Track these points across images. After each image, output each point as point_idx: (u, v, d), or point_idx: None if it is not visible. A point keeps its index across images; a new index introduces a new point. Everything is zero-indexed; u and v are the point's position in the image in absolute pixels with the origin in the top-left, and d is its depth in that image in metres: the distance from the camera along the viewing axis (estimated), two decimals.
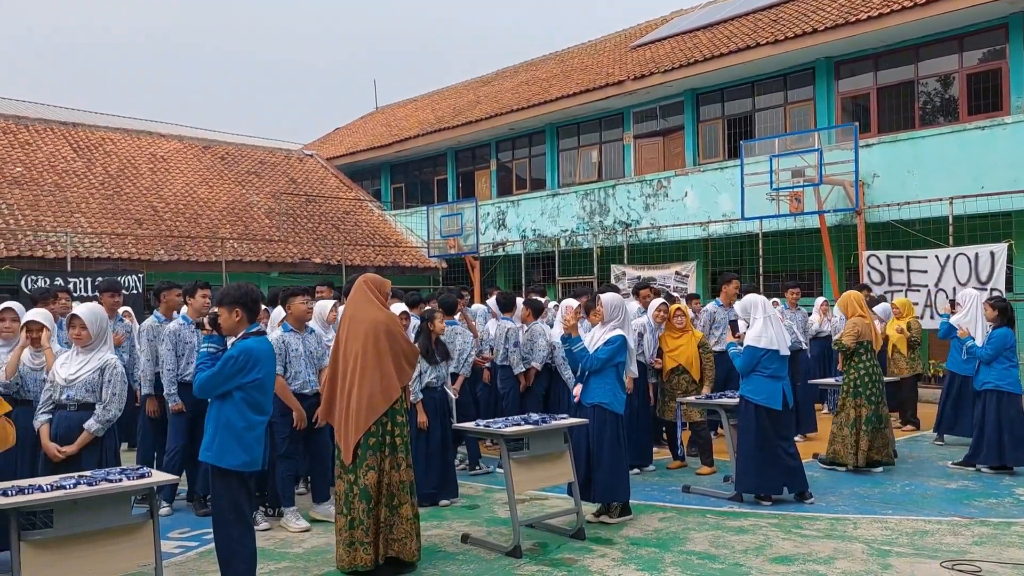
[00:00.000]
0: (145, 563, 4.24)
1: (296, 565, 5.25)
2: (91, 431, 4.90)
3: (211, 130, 26.30)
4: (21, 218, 15.43)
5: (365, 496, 4.87)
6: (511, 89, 22.68)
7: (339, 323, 5.29)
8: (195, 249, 16.89)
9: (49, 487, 4.01)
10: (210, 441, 4.36)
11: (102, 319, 5.12)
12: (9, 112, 20.41)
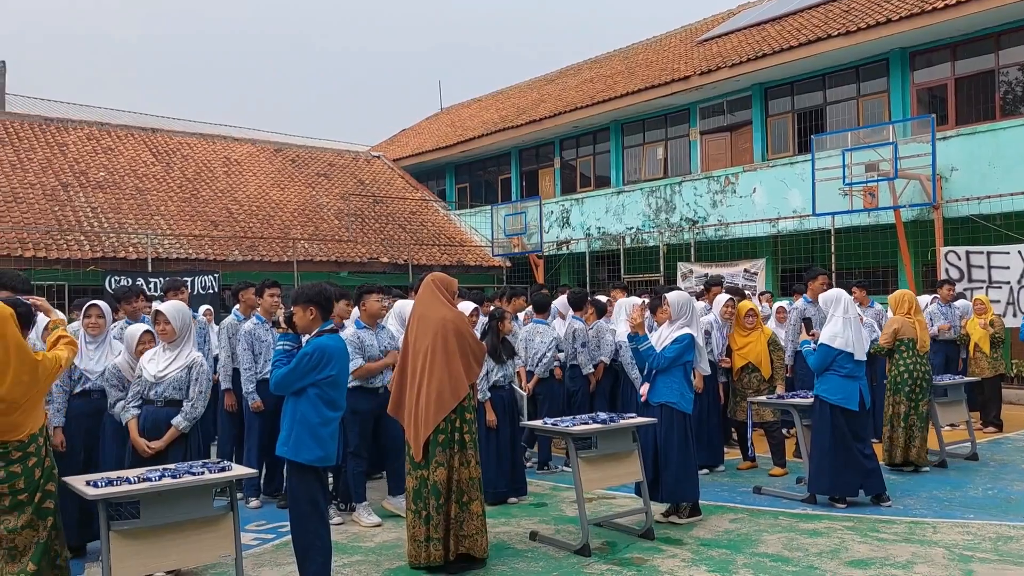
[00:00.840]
0: (226, 554, 4.39)
1: (368, 559, 5.35)
2: (179, 428, 5.08)
3: (282, 133, 26.97)
4: (104, 221, 16.09)
5: (436, 492, 4.95)
6: (575, 87, 22.62)
7: (408, 321, 5.38)
8: (268, 250, 17.34)
9: (136, 479, 4.18)
10: (287, 436, 4.47)
11: (185, 315, 5.31)
12: (93, 119, 21.32)
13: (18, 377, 3.74)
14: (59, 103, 25.03)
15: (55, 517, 3.94)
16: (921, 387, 7.58)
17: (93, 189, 17.20)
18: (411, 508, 5.06)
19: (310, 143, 25.87)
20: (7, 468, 3.75)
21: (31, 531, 3.80)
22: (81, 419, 5.45)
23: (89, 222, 15.86)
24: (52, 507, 3.92)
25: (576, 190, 21.17)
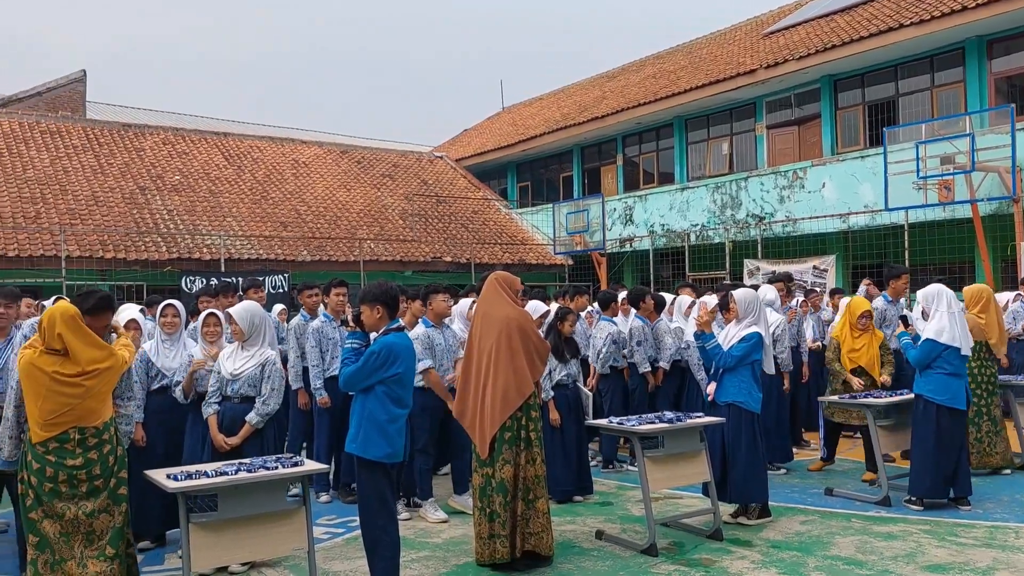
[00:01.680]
0: (299, 547, 4.50)
1: (436, 555, 5.42)
2: (252, 423, 5.26)
3: (348, 135, 27.46)
4: (180, 223, 16.64)
5: (502, 489, 4.98)
6: (638, 83, 22.44)
7: (472, 320, 5.43)
8: (335, 250, 17.68)
9: (213, 473, 4.32)
10: (355, 433, 4.55)
11: (253, 315, 5.46)
12: (168, 124, 22.06)
13: (94, 365, 3.95)
14: (136, 109, 25.98)
15: (127, 504, 4.09)
16: (988, 390, 7.28)
17: (169, 192, 17.80)
18: (477, 506, 5.11)
19: (375, 145, 26.27)
20: (85, 454, 3.90)
21: (107, 516, 3.94)
22: (159, 414, 5.66)
23: (165, 224, 16.42)
24: (124, 494, 4.07)
25: (639, 187, 21.00)
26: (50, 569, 3.82)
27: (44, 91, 22.36)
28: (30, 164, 17.07)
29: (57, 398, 3.85)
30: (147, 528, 5.58)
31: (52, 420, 3.85)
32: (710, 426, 5.82)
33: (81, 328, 3.97)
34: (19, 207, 15.37)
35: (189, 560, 4.10)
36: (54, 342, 3.91)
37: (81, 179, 17.12)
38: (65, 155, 17.93)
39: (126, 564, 4.06)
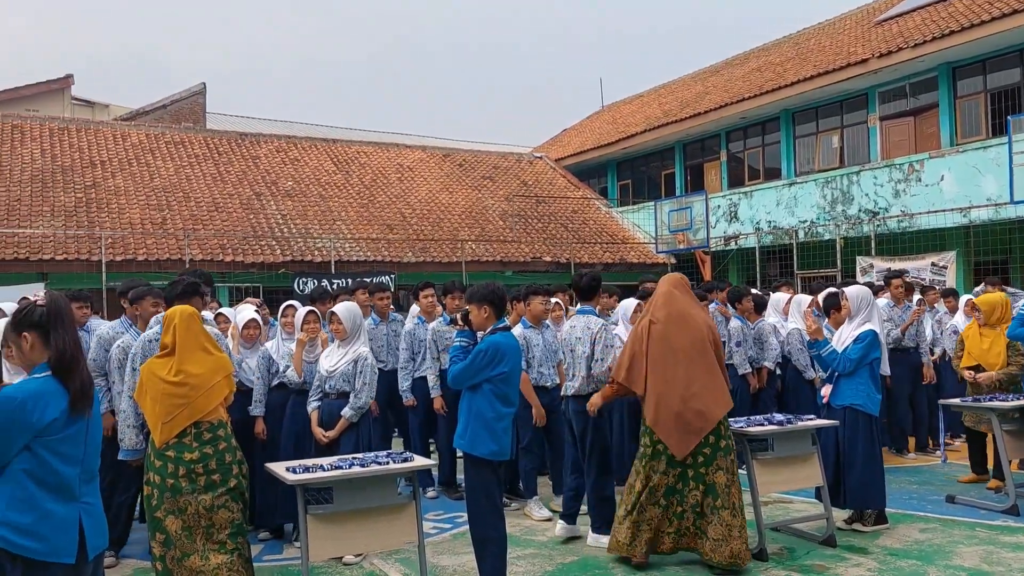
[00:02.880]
0: (409, 541, 4.64)
1: (541, 552, 5.48)
2: (346, 417, 5.48)
3: (450, 139, 27.93)
4: (293, 226, 17.34)
5: (714, 492, 4.94)
6: (742, 77, 21.91)
7: (651, 313, 5.24)
8: (438, 251, 18.03)
9: (329, 467, 4.50)
10: (463, 430, 4.65)
11: (356, 315, 5.72)
12: (282, 133, 23.03)
13: (203, 364, 4.14)
14: (252, 119, 27.22)
15: (244, 501, 4.21)
16: None
17: (283, 197, 18.57)
18: (659, 504, 5.03)
19: (476, 147, 26.62)
20: (201, 449, 4.05)
21: (226, 511, 4.06)
22: (278, 410, 5.93)
23: (279, 228, 17.14)
24: (242, 490, 4.20)
25: (744, 183, 20.51)
26: (176, 564, 3.99)
27: (168, 104, 23.73)
28: (156, 173, 18.15)
29: (168, 400, 4.04)
30: (268, 519, 5.86)
31: (168, 422, 4.04)
32: (824, 429, 5.65)
33: (193, 330, 4.17)
34: (147, 214, 16.37)
35: (307, 550, 4.29)
36: (167, 337, 4.15)
37: (202, 186, 18.08)
38: (188, 164, 18.98)
39: (248, 559, 4.19)
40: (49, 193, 16.25)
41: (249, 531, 4.59)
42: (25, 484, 2.85)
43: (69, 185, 16.72)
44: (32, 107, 22.69)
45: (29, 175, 16.72)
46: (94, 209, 16.08)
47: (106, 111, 25.50)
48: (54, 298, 3.05)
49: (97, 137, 19.18)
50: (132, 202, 16.68)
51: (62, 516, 2.90)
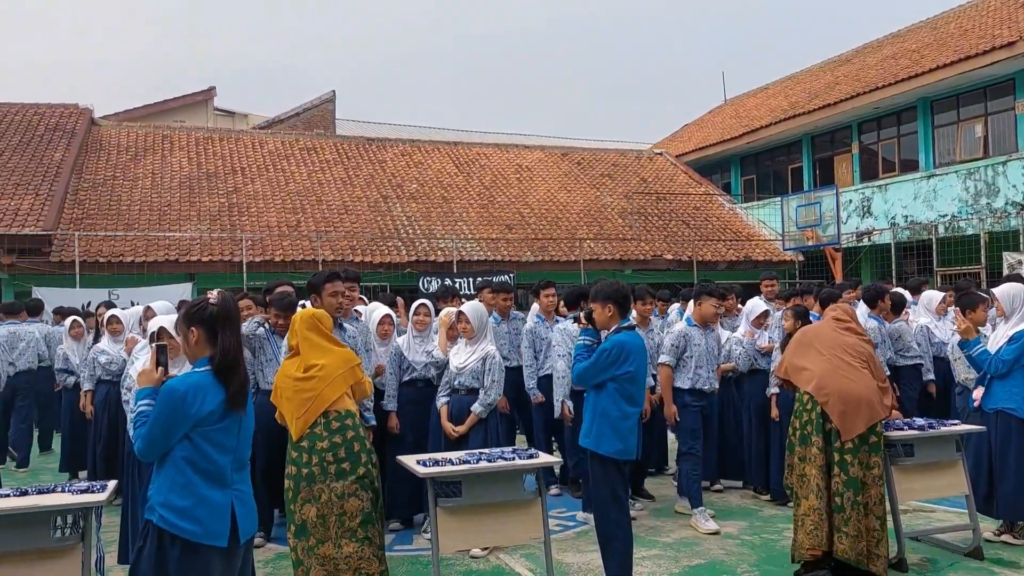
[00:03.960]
0: (535, 536, 4.69)
1: (666, 554, 5.43)
2: (476, 413, 5.61)
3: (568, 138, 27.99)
4: (417, 228, 17.86)
5: (852, 485, 4.72)
6: (875, 65, 20.88)
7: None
8: (556, 250, 18.11)
9: (458, 461, 4.62)
10: (588, 428, 4.67)
11: (483, 314, 5.86)
12: (406, 137, 23.76)
13: (326, 357, 4.31)
14: (379, 124, 28.18)
15: (374, 491, 4.26)
16: None
17: (407, 200, 19.14)
18: (839, 502, 4.75)
19: (594, 145, 26.56)
20: (330, 438, 4.18)
21: (356, 500, 4.14)
22: (409, 405, 6.14)
23: (405, 229, 17.69)
24: (372, 479, 4.25)
25: (878, 176, 19.54)
26: (308, 554, 4.12)
27: (301, 112, 24.91)
28: (291, 178, 19.10)
29: (298, 396, 4.23)
30: (397, 510, 6.08)
31: (300, 416, 4.22)
32: (972, 434, 5.35)
33: (314, 330, 4.35)
34: (283, 217, 17.26)
35: (437, 542, 4.42)
36: (292, 340, 4.38)
37: (333, 190, 18.88)
38: (319, 169, 19.86)
39: (379, 547, 4.26)
40: (196, 198, 17.40)
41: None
42: (184, 470, 3.08)
43: (213, 191, 17.84)
44: (179, 118, 24.35)
45: (178, 182, 17.97)
46: (235, 213, 17.09)
47: (245, 120, 27.03)
48: (225, 299, 3.27)
49: (237, 145, 20.37)
50: (269, 206, 17.62)
51: (216, 502, 3.12)
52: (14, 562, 3.62)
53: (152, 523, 3.07)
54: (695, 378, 6.27)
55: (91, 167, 18.01)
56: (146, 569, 3.06)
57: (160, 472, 3.12)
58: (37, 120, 18.91)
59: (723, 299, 6.71)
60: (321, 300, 5.15)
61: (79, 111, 19.77)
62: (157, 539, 3.05)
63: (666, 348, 6.29)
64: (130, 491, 5.11)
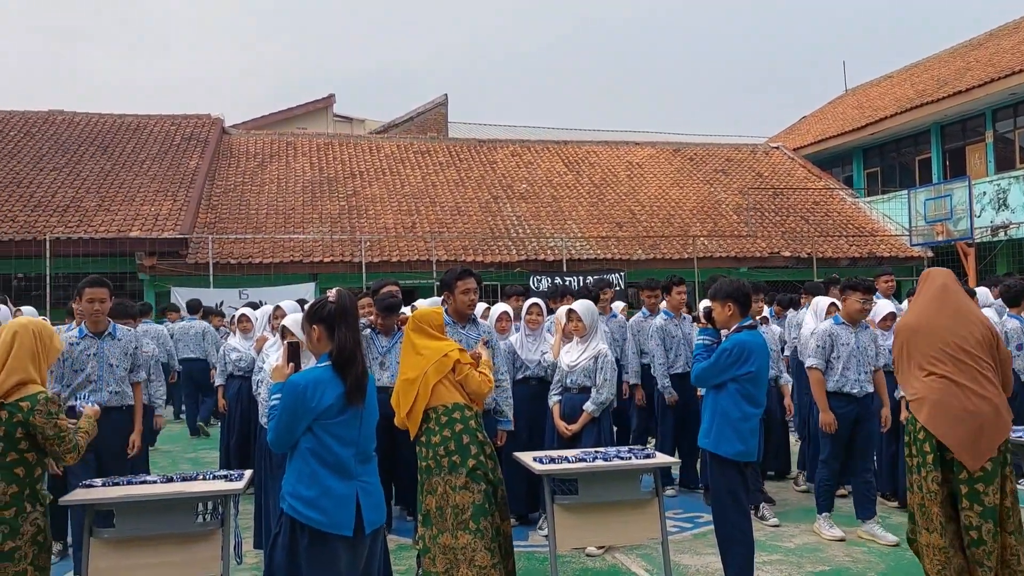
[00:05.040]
0: (651, 537, 4.67)
1: (788, 560, 5.29)
2: (588, 411, 5.61)
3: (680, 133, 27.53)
4: (527, 227, 18.00)
5: (991, 515, 4.12)
6: (1011, 48, 19.55)
7: (929, 304, 4.49)
8: (668, 248, 17.85)
9: (574, 459, 4.64)
10: (707, 429, 4.59)
11: (594, 312, 5.87)
12: (516, 137, 23.97)
13: (419, 356, 4.37)
14: (489, 126, 28.55)
15: (488, 483, 4.27)
16: None
17: (517, 200, 19.32)
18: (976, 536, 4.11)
19: (707, 140, 26.03)
20: (440, 432, 4.25)
21: (467, 493, 4.18)
22: (523, 403, 6.19)
23: (515, 229, 17.86)
24: (484, 473, 4.24)
25: (1015, 166, 18.29)
26: (432, 543, 4.24)
27: (415, 116, 25.55)
28: (406, 181, 19.63)
29: (404, 396, 4.33)
30: (513, 504, 6.15)
31: (409, 413, 4.32)
32: None
33: (418, 332, 4.42)
34: (399, 219, 17.77)
35: (554, 538, 4.46)
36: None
37: (446, 192, 19.28)
38: (433, 171, 20.32)
39: (492, 539, 4.22)
40: (317, 202, 18.15)
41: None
42: (309, 461, 3.24)
43: (334, 194, 18.56)
44: (301, 125, 25.43)
45: (301, 186, 18.78)
46: (355, 215, 17.72)
47: (362, 126, 27.94)
48: (342, 297, 3.43)
49: (356, 150, 21.10)
50: (386, 208, 18.17)
51: (340, 493, 3.25)
52: (163, 544, 3.89)
53: (284, 512, 3.24)
54: (842, 381, 5.83)
55: (223, 174, 19.06)
56: (280, 555, 3.23)
57: (290, 463, 3.29)
58: (174, 131, 20.17)
59: (869, 292, 6.35)
60: (453, 297, 5.22)
61: (211, 121, 20.96)
62: (289, 527, 3.23)
63: (812, 350, 5.91)
64: (262, 481, 5.39)
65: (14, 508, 3.40)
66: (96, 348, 5.23)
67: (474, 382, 4.35)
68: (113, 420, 5.13)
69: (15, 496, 3.41)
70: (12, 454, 3.42)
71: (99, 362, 5.21)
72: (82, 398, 4.70)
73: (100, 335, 5.27)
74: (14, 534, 3.39)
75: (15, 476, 3.42)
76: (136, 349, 5.45)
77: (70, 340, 5.20)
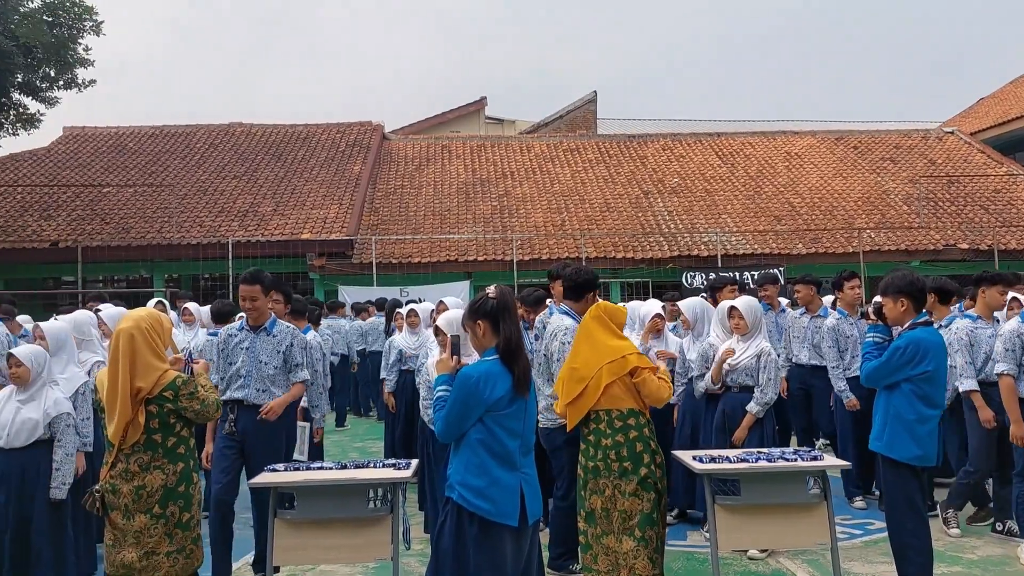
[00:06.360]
0: (820, 542, 4.46)
1: (971, 572, 4.95)
2: (753, 413, 5.44)
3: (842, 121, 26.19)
4: (679, 222, 17.70)
5: None
6: None
7: None
8: (831, 241, 17.03)
9: (736, 459, 4.52)
10: (880, 431, 4.38)
11: (756, 309, 5.68)
12: (667, 131, 23.61)
13: (589, 352, 4.30)
14: (639, 121, 28.27)
15: (657, 492, 4.22)
16: None
17: (668, 195, 19.04)
18: None
19: (872, 127, 24.58)
20: (614, 436, 4.22)
21: (636, 500, 4.15)
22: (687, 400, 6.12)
23: (666, 224, 17.62)
24: (654, 482, 4.20)
25: None
26: (595, 541, 4.26)
27: (564, 114, 25.70)
28: (556, 179, 19.81)
29: (569, 385, 4.34)
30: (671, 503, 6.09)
31: (571, 404, 4.31)
32: None
33: (598, 322, 4.37)
34: (548, 217, 17.96)
35: (715, 539, 4.37)
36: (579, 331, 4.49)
37: (595, 189, 19.29)
38: (582, 169, 20.39)
39: (655, 549, 4.19)
40: (471, 203, 18.66)
41: None
42: (478, 452, 3.35)
43: (486, 195, 19.02)
44: (455, 128, 26.21)
45: (455, 188, 19.38)
46: (506, 215, 18.08)
47: (512, 126, 28.42)
48: (503, 292, 3.54)
49: (507, 151, 21.52)
50: (536, 207, 18.41)
51: (507, 483, 3.36)
52: (338, 527, 4.14)
53: (452, 500, 3.37)
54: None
55: (383, 178, 19.98)
56: (448, 542, 3.36)
57: (457, 453, 3.42)
58: (339, 138, 21.35)
59: (1011, 285, 5.82)
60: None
61: (372, 128, 22.02)
62: (456, 516, 3.35)
63: (1000, 353, 5.44)
64: (426, 470, 5.63)
65: (184, 483, 3.81)
66: (249, 342, 5.07)
67: (653, 385, 4.23)
68: (257, 418, 4.92)
69: (183, 472, 3.81)
70: (171, 439, 3.80)
71: (249, 357, 5.02)
72: (233, 390, 4.97)
73: (256, 329, 5.11)
74: (188, 506, 3.82)
75: (179, 455, 3.82)
76: (291, 347, 5.13)
77: (229, 331, 5.18)
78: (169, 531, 3.74)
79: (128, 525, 3.71)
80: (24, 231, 16.40)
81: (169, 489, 3.75)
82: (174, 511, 3.76)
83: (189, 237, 16.23)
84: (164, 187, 18.01)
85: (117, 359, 3.72)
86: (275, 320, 5.19)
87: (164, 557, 3.73)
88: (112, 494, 3.73)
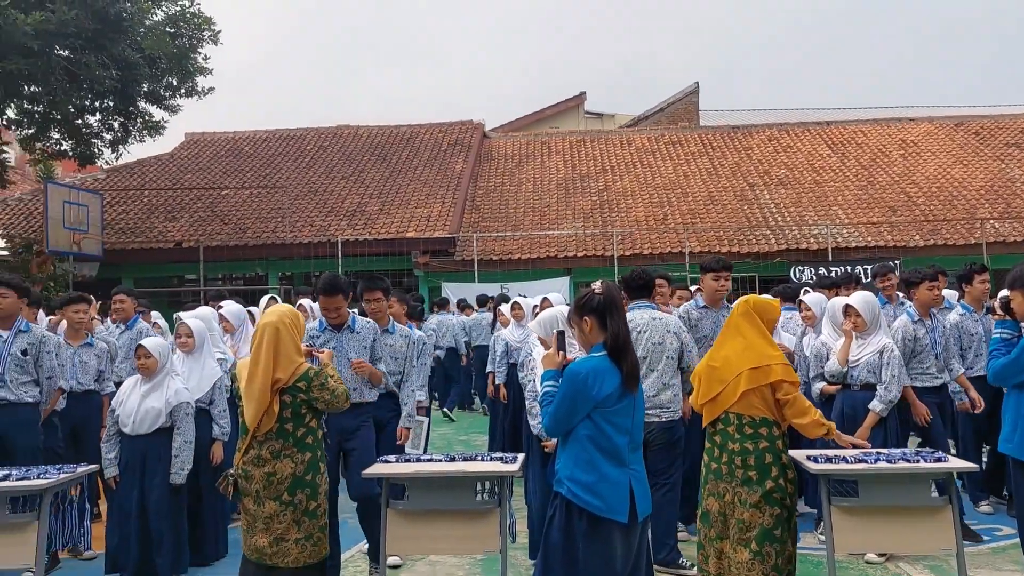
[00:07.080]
0: (945, 548, 4.23)
1: None
2: (876, 412, 5.24)
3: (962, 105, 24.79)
4: (787, 215, 17.18)
5: None
6: None
7: None
8: (951, 232, 16.18)
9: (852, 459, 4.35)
10: (1010, 432, 4.16)
11: (874, 305, 5.46)
12: (773, 121, 22.93)
13: (730, 350, 4.11)
14: (744, 111, 27.57)
15: (783, 507, 3.96)
16: None
17: (775, 186, 18.50)
18: None
19: (995, 112, 23.15)
20: (743, 442, 3.98)
21: (757, 512, 3.90)
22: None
23: (773, 217, 17.12)
24: (780, 496, 3.95)
25: None
26: (709, 542, 4.11)
27: (665, 107, 25.33)
28: (657, 173, 19.56)
29: (707, 382, 4.15)
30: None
31: (707, 402, 4.13)
32: None
33: (746, 318, 4.13)
34: (650, 211, 17.76)
35: (832, 541, 4.23)
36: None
37: (698, 182, 18.94)
38: (684, 162, 20.06)
39: (772, 566, 3.92)
40: (571, 198, 18.66)
41: None
42: (587, 448, 3.35)
43: (586, 190, 18.97)
44: (554, 124, 26.23)
45: (555, 184, 19.41)
46: (607, 210, 17.99)
47: (612, 121, 28.19)
48: (609, 287, 3.52)
49: (607, 145, 21.39)
50: (637, 202, 18.23)
51: (616, 479, 3.34)
52: (447, 519, 4.23)
53: (561, 495, 3.38)
54: None
55: (484, 175, 20.23)
56: (557, 537, 3.38)
57: (565, 449, 3.43)
58: (441, 137, 21.74)
59: None
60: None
61: (473, 126, 22.32)
62: (565, 510, 3.36)
63: None
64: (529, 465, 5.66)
65: (311, 472, 3.93)
66: (335, 341, 4.93)
67: (800, 409, 3.95)
68: (345, 415, 4.66)
69: (311, 461, 3.93)
70: (301, 429, 3.93)
71: (336, 356, 4.80)
72: None
73: (339, 328, 4.97)
74: (315, 495, 3.93)
75: (307, 445, 3.94)
76: (374, 342, 5.03)
77: (310, 332, 4.93)
78: (297, 518, 3.88)
79: (259, 511, 3.88)
80: (151, 232, 17.43)
81: (298, 477, 3.88)
82: (302, 499, 3.89)
83: (301, 236, 16.87)
84: (278, 188, 18.81)
85: (261, 349, 3.88)
86: (355, 317, 5.13)
87: (293, 544, 3.86)
88: (244, 479, 3.91)
